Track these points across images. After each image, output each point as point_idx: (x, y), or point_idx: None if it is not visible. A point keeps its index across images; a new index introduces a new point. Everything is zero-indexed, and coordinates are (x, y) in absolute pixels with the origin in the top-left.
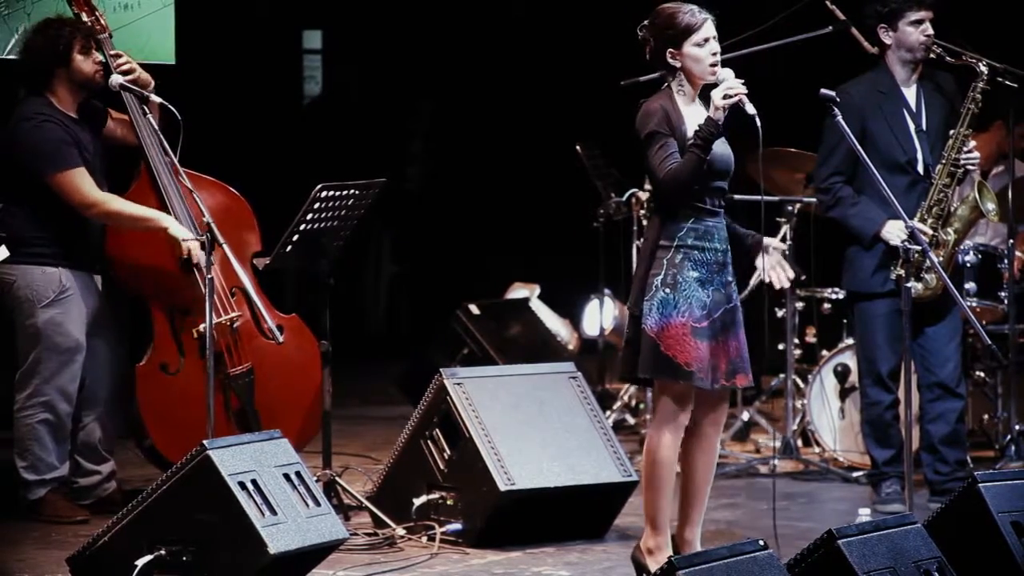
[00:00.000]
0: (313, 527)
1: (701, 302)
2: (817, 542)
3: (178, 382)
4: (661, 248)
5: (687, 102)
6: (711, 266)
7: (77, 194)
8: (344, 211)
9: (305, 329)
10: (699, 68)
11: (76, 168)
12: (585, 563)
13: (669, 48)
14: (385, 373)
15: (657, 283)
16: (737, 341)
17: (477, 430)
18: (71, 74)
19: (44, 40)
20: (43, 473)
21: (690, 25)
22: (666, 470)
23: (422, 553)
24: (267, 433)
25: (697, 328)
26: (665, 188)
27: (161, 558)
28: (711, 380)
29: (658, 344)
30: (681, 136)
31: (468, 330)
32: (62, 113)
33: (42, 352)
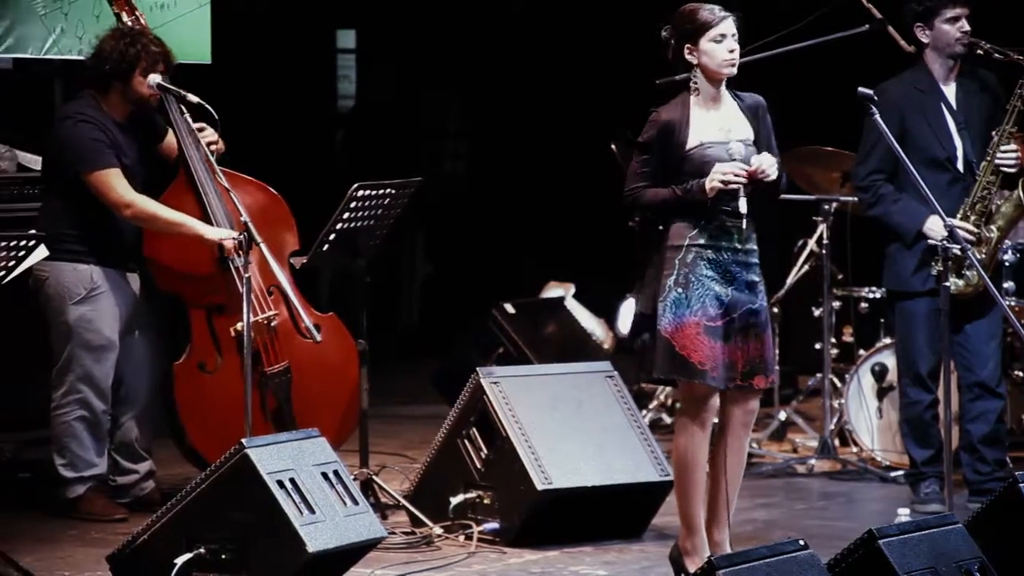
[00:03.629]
0: (351, 526)
1: (717, 301)
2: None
3: (216, 381)
4: (673, 248)
5: (703, 103)
6: (728, 265)
7: (112, 194)
8: (380, 210)
9: (342, 328)
10: (714, 64)
11: (112, 168)
12: (622, 562)
13: (687, 44)
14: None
15: (670, 283)
16: (760, 342)
17: (514, 429)
18: (127, 90)
19: (112, 50)
20: (81, 470)
21: (708, 21)
22: (694, 470)
23: (459, 552)
24: (305, 432)
25: (710, 327)
26: (626, 201)
27: (200, 556)
28: (724, 380)
29: (672, 344)
30: (678, 147)
31: (503, 329)
32: (107, 116)
33: (74, 349)
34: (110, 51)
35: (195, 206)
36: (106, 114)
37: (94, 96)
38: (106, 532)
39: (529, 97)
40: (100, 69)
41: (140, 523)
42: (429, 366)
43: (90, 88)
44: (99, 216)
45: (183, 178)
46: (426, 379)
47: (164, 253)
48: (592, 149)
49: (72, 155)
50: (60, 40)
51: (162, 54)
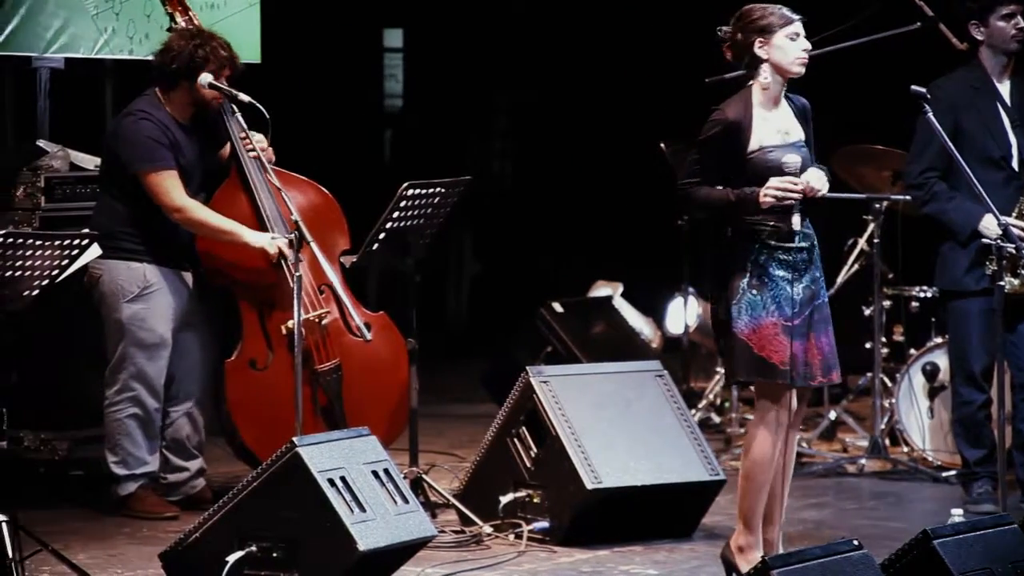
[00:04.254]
0: (402, 524)
1: (790, 300)
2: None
3: (267, 378)
4: (744, 251)
5: (765, 103)
6: (797, 263)
7: (165, 196)
8: (430, 209)
9: (392, 327)
10: (787, 60)
11: (167, 170)
12: (673, 562)
13: (759, 38)
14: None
15: (743, 285)
16: (827, 337)
17: (563, 428)
18: (193, 91)
19: (181, 49)
20: (133, 468)
21: (785, 17)
22: (765, 469)
23: (509, 551)
24: (356, 430)
25: (788, 326)
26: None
27: (252, 554)
28: (805, 377)
29: (750, 346)
30: (740, 149)
31: (552, 328)
32: (169, 116)
33: (127, 347)
34: (179, 50)
35: (247, 205)
36: (168, 114)
37: (158, 95)
38: (157, 530)
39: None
40: (167, 68)
41: (191, 521)
42: (477, 365)
43: (155, 87)
44: (153, 215)
45: (235, 177)
46: (474, 378)
47: (217, 251)
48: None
49: (130, 152)
50: (111, 40)
51: (229, 58)
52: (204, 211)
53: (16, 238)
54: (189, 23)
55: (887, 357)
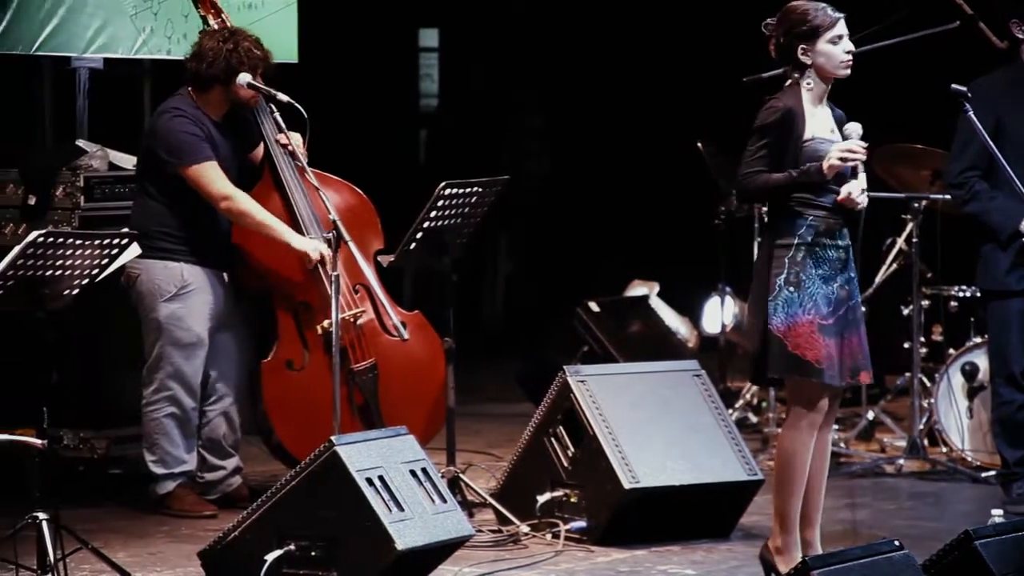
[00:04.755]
0: (439, 523)
1: (827, 299)
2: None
3: (303, 378)
4: (781, 247)
5: (814, 101)
6: (834, 263)
7: (211, 186)
8: (467, 208)
9: (428, 326)
10: (831, 65)
11: (209, 161)
12: (711, 562)
13: (801, 44)
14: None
15: (780, 282)
16: (859, 338)
17: (601, 428)
18: (227, 92)
19: (215, 52)
20: (171, 467)
21: (825, 22)
22: (798, 469)
23: (546, 550)
24: (394, 429)
25: (824, 325)
26: (740, 186)
27: (290, 553)
28: (840, 377)
29: (785, 343)
30: (796, 137)
31: (588, 328)
32: (203, 114)
33: (165, 347)
34: (213, 55)
35: (281, 205)
36: (202, 112)
37: (191, 94)
38: (196, 528)
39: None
40: (201, 70)
41: (229, 519)
42: (512, 364)
43: (188, 86)
44: (191, 214)
45: (268, 178)
46: (510, 377)
47: (253, 249)
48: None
49: (169, 150)
50: (149, 40)
51: (262, 57)
52: (250, 202)
53: (56, 237)
54: (222, 25)
55: (926, 357)
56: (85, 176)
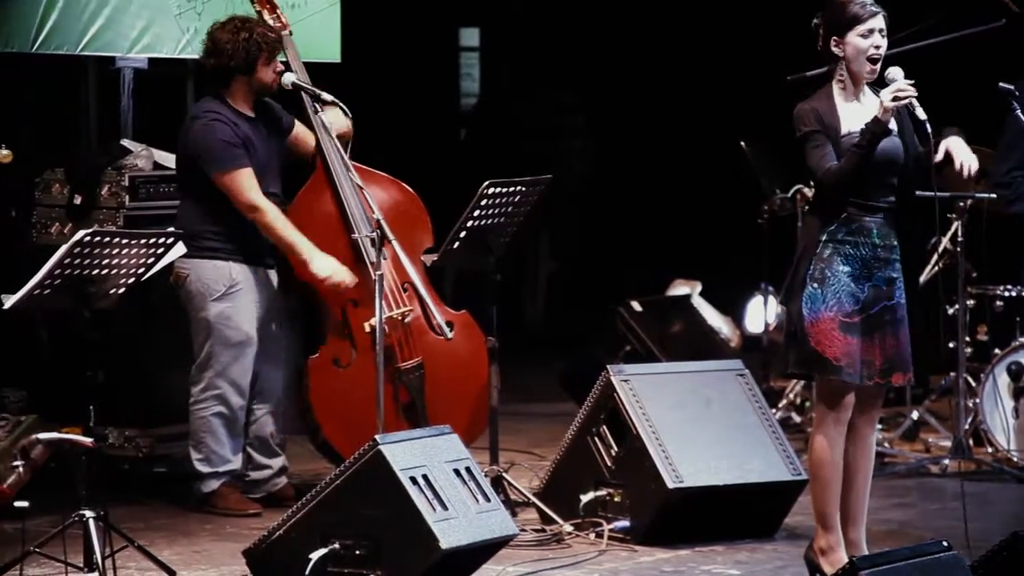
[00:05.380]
0: (483, 523)
1: (853, 297)
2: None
3: (350, 376)
4: (811, 243)
5: (847, 98)
6: (867, 261)
7: (241, 196)
8: (511, 208)
9: (474, 326)
10: (858, 60)
11: (241, 169)
12: (755, 562)
13: (834, 36)
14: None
15: (806, 277)
16: (896, 339)
17: (644, 427)
18: (251, 82)
19: (233, 45)
20: (216, 466)
21: (858, 15)
22: (830, 468)
23: (590, 550)
24: (438, 428)
25: (847, 323)
26: (825, 185)
27: (335, 552)
28: (861, 375)
29: (807, 339)
30: (834, 134)
31: (630, 327)
32: (235, 112)
33: (214, 346)
34: (232, 48)
35: (332, 203)
36: (234, 110)
37: (219, 93)
38: (240, 527)
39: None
40: (222, 65)
41: (274, 518)
42: (554, 364)
43: (214, 86)
44: (237, 214)
45: (321, 174)
46: (551, 376)
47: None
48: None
49: (203, 156)
50: (193, 40)
51: (277, 39)
52: (278, 218)
53: (102, 237)
54: (276, 21)
55: (971, 357)
56: (130, 176)
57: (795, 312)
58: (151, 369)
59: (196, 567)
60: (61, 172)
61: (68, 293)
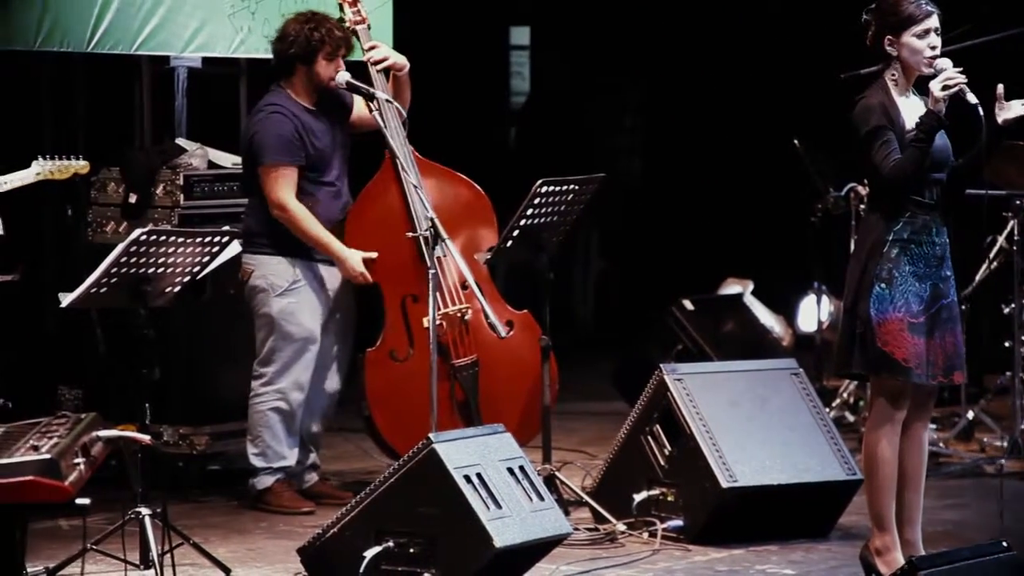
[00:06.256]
0: (537, 521)
1: (918, 297)
2: None
3: (406, 369)
4: (876, 243)
5: (901, 93)
6: (928, 260)
7: (273, 191)
8: (563, 206)
9: (535, 326)
10: (915, 59)
11: (284, 167)
12: (810, 562)
13: (888, 35)
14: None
15: (873, 278)
16: (954, 337)
17: (698, 426)
18: (310, 73)
19: (298, 32)
20: (272, 461)
21: (913, 15)
22: (886, 468)
23: (643, 549)
24: (492, 427)
25: (914, 323)
26: (890, 182)
27: (389, 550)
28: (928, 375)
29: (875, 340)
30: (900, 129)
31: (682, 326)
32: (296, 104)
33: (277, 341)
34: (295, 35)
35: (398, 198)
36: (296, 103)
37: (282, 86)
38: (294, 524)
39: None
40: (284, 53)
41: (327, 516)
42: (604, 363)
43: (278, 79)
44: None
45: (389, 168)
46: (601, 375)
47: (366, 240)
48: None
49: (258, 147)
50: (247, 39)
51: (344, 39)
52: (305, 218)
53: (159, 235)
54: (357, 15)
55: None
56: (185, 175)
57: (862, 313)
58: (205, 367)
59: (250, 565)
60: (116, 171)
61: (124, 291)
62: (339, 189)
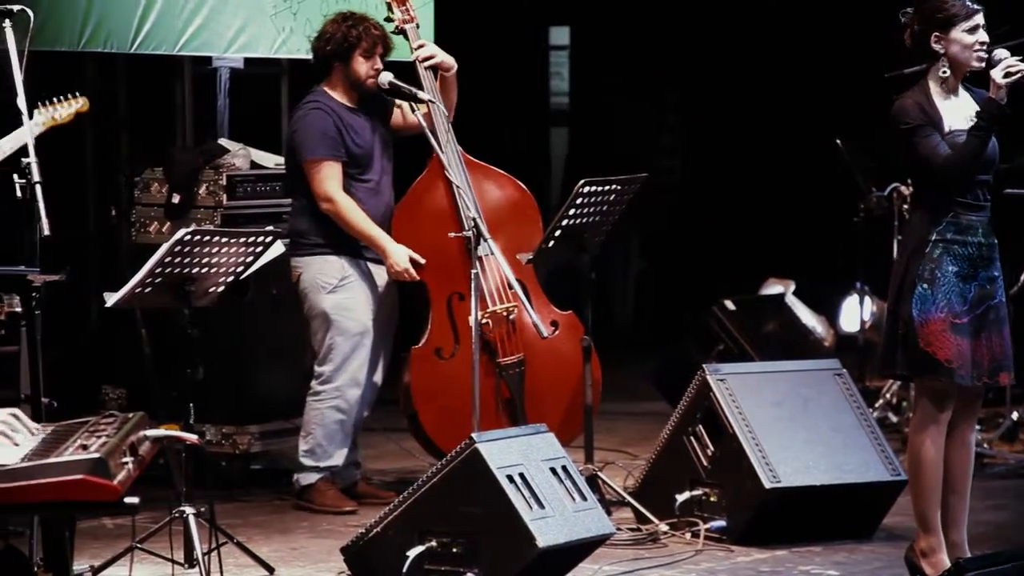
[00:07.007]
0: (580, 521)
1: (961, 297)
2: None
3: (451, 367)
4: (919, 243)
5: (944, 93)
6: (973, 260)
7: (319, 185)
8: (606, 206)
9: (579, 327)
10: (965, 55)
11: (327, 160)
12: (854, 563)
13: (935, 32)
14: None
15: (915, 278)
16: (1001, 337)
17: (741, 426)
18: (347, 71)
19: (335, 31)
20: (319, 460)
21: (961, 11)
22: (931, 469)
23: (686, 549)
24: (534, 427)
25: (957, 323)
26: (943, 174)
27: (432, 550)
28: (972, 376)
29: (918, 341)
30: (940, 130)
31: (724, 326)
32: (336, 102)
33: (334, 337)
34: (332, 33)
35: (445, 197)
36: (336, 101)
37: (322, 86)
38: (337, 524)
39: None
40: (322, 51)
41: (369, 516)
42: (643, 363)
43: (318, 79)
44: None
45: (437, 168)
46: (642, 375)
47: (413, 237)
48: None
49: (300, 143)
50: (288, 40)
51: (381, 37)
52: (352, 210)
53: (203, 236)
54: (405, 14)
55: None
56: (228, 175)
57: (904, 313)
58: (248, 367)
59: (294, 564)
60: (160, 172)
61: (168, 291)
62: (379, 188)
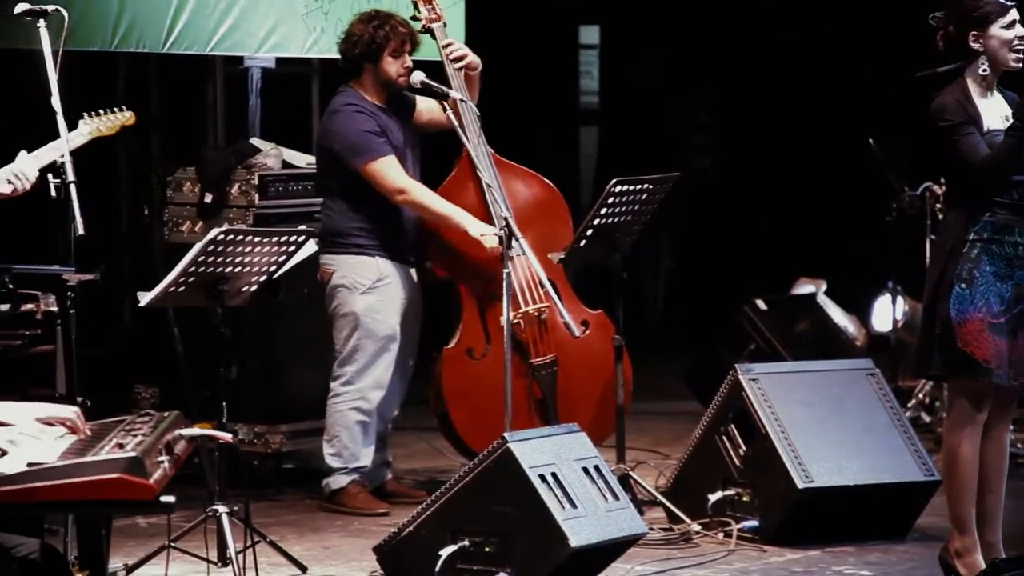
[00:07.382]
0: (612, 521)
1: (999, 297)
2: None
3: (482, 367)
4: (957, 243)
5: (982, 92)
6: (1010, 260)
7: (387, 181)
8: (637, 206)
9: (610, 326)
10: (1003, 52)
11: (385, 156)
12: (887, 563)
13: (973, 31)
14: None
15: (953, 278)
16: None
17: (773, 426)
18: (377, 71)
19: (362, 32)
20: (347, 462)
21: (996, 9)
22: (967, 470)
23: (719, 549)
24: (566, 426)
25: (994, 323)
26: (981, 174)
27: (464, 549)
28: (1009, 376)
29: (955, 340)
30: (980, 128)
31: (755, 325)
32: (369, 103)
33: (360, 339)
34: (360, 34)
35: (476, 196)
36: (370, 102)
37: (352, 87)
38: (369, 523)
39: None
40: (351, 53)
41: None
42: (674, 362)
43: (348, 80)
44: (380, 209)
45: (467, 167)
46: (672, 375)
47: (446, 236)
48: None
49: (346, 148)
50: (320, 39)
51: (409, 35)
52: (427, 194)
53: (235, 235)
54: (432, 12)
55: None
56: (260, 174)
57: (942, 313)
58: (280, 366)
59: (326, 563)
60: (192, 171)
61: (201, 290)
62: None
